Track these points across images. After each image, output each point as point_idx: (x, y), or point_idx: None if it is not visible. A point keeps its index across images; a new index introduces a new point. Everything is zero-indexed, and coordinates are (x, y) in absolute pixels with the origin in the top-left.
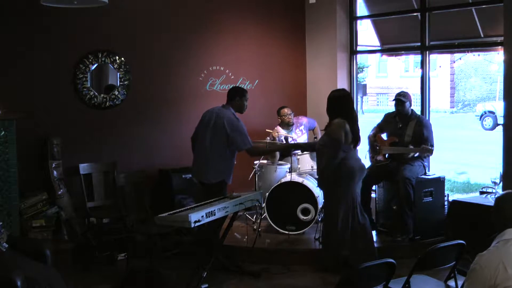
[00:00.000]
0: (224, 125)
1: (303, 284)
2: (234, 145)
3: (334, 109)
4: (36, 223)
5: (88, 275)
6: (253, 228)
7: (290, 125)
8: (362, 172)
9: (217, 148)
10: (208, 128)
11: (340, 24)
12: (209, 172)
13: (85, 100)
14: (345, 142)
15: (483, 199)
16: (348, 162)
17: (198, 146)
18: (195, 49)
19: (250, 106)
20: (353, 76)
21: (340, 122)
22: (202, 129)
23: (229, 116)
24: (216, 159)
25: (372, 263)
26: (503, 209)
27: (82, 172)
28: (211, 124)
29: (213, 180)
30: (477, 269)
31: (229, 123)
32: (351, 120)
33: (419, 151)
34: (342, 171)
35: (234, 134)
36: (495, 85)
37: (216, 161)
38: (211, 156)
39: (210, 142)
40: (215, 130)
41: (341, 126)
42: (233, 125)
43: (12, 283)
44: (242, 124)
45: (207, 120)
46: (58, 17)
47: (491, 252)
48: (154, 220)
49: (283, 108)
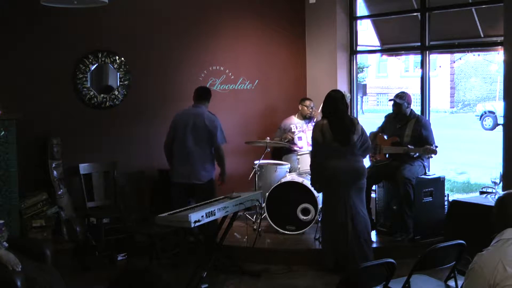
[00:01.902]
0: (205, 123)
1: (303, 284)
2: (213, 140)
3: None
4: (36, 223)
5: (88, 275)
6: (253, 228)
7: (306, 118)
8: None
9: (202, 147)
10: (187, 130)
11: (340, 24)
12: (200, 173)
13: (85, 100)
14: (323, 142)
15: (483, 199)
16: (330, 163)
17: (179, 150)
18: (195, 49)
19: (250, 106)
20: (353, 76)
21: (318, 122)
22: (180, 132)
23: (207, 114)
24: (203, 158)
25: (372, 263)
26: (503, 208)
27: (82, 172)
28: (190, 126)
29: (205, 179)
30: (476, 269)
31: (209, 119)
32: (333, 119)
33: (422, 151)
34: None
35: (214, 129)
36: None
37: (204, 161)
38: (198, 156)
39: (194, 143)
40: (197, 130)
41: (317, 126)
42: (213, 120)
43: (12, 283)
44: (219, 120)
45: (184, 123)
46: (58, 17)
47: (490, 251)
48: (154, 220)
49: (307, 100)
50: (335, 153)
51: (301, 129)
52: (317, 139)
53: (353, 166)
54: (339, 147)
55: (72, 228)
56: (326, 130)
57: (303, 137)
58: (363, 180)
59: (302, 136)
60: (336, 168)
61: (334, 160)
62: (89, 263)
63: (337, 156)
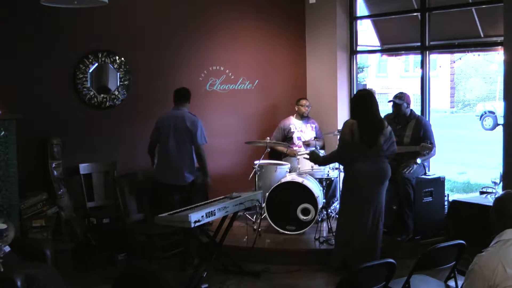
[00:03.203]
0: (185, 124)
1: (303, 284)
2: (194, 140)
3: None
4: (36, 223)
5: (88, 275)
6: (253, 228)
7: (304, 117)
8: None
9: (185, 149)
10: (170, 132)
11: (340, 24)
12: (184, 175)
13: (85, 100)
14: (351, 141)
15: (483, 199)
16: (356, 165)
17: (163, 152)
18: (195, 49)
19: (250, 106)
20: (353, 76)
21: (348, 120)
22: (164, 135)
23: (188, 114)
24: (186, 160)
25: (372, 263)
26: (502, 209)
27: (82, 172)
28: (172, 128)
29: (189, 180)
30: (476, 270)
31: (190, 119)
32: (362, 120)
33: (418, 148)
34: (347, 172)
35: (194, 129)
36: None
37: (187, 163)
38: (180, 158)
39: (177, 146)
40: (179, 133)
41: (347, 124)
42: (193, 120)
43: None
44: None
45: (167, 125)
46: (58, 17)
47: (490, 252)
48: (154, 220)
49: (303, 99)
50: (360, 155)
51: (300, 129)
52: (345, 137)
53: (379, 167)
54: (365, 148)
55: (72, 228)
56: (356, 130)
57: (302, 137)
58: (387, 180)
59: (301, 136)
60: (361, 170)
61: (359, 163)
62: (89, 263)
63: (362, 158)
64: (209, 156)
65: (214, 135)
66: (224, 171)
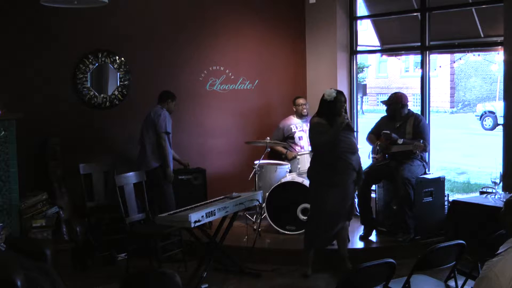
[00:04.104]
0: (151, 115)
1: (303, 284)
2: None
3: None
4: (36, 223)
5: (88, 275)
6: (253, 228)
7: (304, 116)
8: None
9: (148, 136)
10: (142, 125)
11: (340, 24)
12: (149, 161)
13: (85, 100)
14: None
15: (483, 199)
16: None
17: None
18: (195, 49)
19: (250, 106)
20: (353, 76)
21: None
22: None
23: (157, 108)
24: (149, 146)
25: (372, 263)
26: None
27: (82, 172)
28: (144, 121)
29: (153, 166)
30: (491, 277)
31: (155, 111)
32: None
33: (412, 147)
34: None
35: (156, 119)
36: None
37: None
38: (147, 146)
39: (143, 134)
40: (146, 123)
41: None
42: (157, 111)
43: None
44: (167, 115)
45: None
46: (58, 17)
47: (505, 260)
48: (154, 220)
49: (298, 98)
50: None
51: (301, 128)
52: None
53: None
54: None
55: (72, 228)
56: None
57: (303, 137)
58: None
59: (302, 136)
60: None
61: None
62: (89, 263)
63: None
64: (209, 155)
65: (214, 135)
66: (224, 171)
